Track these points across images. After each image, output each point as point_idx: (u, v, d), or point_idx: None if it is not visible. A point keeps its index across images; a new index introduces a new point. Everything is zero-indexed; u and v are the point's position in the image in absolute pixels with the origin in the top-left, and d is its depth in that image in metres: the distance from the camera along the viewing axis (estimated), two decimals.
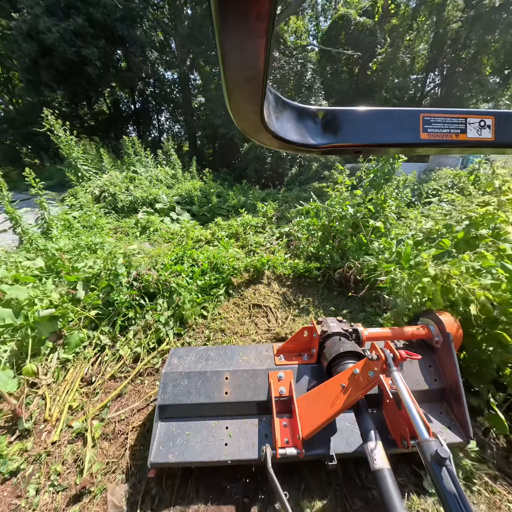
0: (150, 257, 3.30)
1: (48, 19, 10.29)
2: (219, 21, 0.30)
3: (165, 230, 5.80)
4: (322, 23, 29.51)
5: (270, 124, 0.53)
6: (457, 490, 0.84)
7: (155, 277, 2.75)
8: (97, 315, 2.64)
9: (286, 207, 7.00)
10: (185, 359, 1.75)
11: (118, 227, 5.89)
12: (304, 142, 0.60)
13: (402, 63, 19.86)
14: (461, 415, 1.45)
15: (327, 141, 0.61)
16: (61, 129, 7.58)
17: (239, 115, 0.51)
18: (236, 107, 0.48)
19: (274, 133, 0.55)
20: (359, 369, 1.25)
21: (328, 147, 0.62)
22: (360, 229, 3.22)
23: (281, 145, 0.59)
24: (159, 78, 21.29)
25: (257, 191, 10.19)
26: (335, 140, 0.62)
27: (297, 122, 0.61)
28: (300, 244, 4.07)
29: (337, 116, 0.62)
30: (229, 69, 0.38)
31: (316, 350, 1.66)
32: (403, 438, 1.28)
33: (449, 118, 0.64)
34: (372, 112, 0.63)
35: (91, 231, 5.27)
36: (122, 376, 2.33)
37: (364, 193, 3.53)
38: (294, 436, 1.35)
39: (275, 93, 0.56)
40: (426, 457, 0.94)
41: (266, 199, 8.23)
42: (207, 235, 4.89)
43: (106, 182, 7.03)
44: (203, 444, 1.43)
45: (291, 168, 16.08)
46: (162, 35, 16.97)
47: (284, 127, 0.58)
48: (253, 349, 1.82)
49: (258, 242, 4.52)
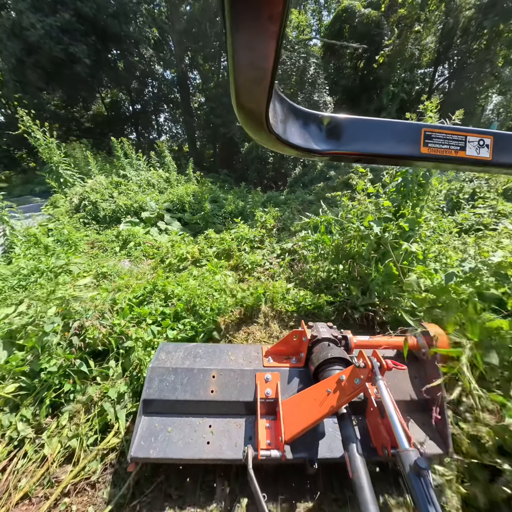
0: (108, 292, 2.51)
1: (33, 15, 9.62)
2: (231, 19, 0.30)
3: (150, 244, 5.03)
4: (325, 17, 28.52)
5: (274, 126, 0.54)
6: (433, 501, 0.85)
7: (104, 332, 1.95)
8: (19, 390, 1.85)
9: (289, 214, 6.17)
10: (173, 355, 1.72)
11: (96, 241, 5.13)
12: (307, 146, 0.61)
13: (411, 54, 18.81)
14: (442, 427, 1.44)
15: (329, 147, 0.62)
16: (39, 131, 6.89)
17: (244, 115, 0.51)
18: (242, 107, 0.49)
19: (278, 135, 0.56)
20: (345, 376, 1.26)
21: (330, 153, 0.63)
22: (387, 253, 2.38)
23: (284, 148, 0.60)
24: (156, 77, 20.60)
25: (258, 195, 9.37)
26: (337, 147, 0.63)
27: (302, 126, 0.61)
28: (307, 265, 3.25)
29: (341, 124, 0.63)
30: (238, 68, 0.39)
31: (304, 354, 1.65)
32: (384, 447, 1.27)
33: (450, 134, 0.66)
34: (376, 122, 0.64)
35: (60, 248, 4.52)
36: (42, 495, 1.54)
37: (394, 203, 2.65)
38: (277, 438, 1.34)
39: (282, 96, 0.57)
40: (405, 467, 0.94)
41: (267, 204, 7.42)
42: (194, 252, 4.09)
43: (87, 188, 6.28)
44: (185, 441, 1.42)
45: (295, 168, 15.26)
46: (157, 31, 16.24)
47: (288, 130, 0.58)
48: (242, 349, 1.80)
49: (254, 261, 3.71)
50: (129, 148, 8.82)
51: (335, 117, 0.63)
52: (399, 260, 2.31)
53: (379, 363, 1.19)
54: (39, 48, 10.07)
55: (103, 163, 9.57)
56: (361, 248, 2.58)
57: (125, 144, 8.93)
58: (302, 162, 15.21)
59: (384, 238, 2.37)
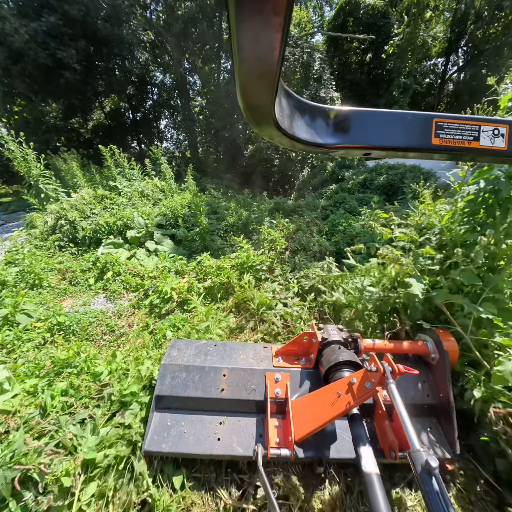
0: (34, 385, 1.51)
1: (16, 19, 8.97)
2: (235, 13, 0.30)
3: (134, 272, 4.06)
4: (327, 12, 27.53)
5: (281, 121, 0.53)
6: (445, 499, 0.85)
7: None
8: None
9: (302, 225, 5.10)
10: (184, 352, 1.74)
11: (68, 270, 4.20)
12: (314, 140, 0.60)
13: (423, 42, 17.56)
14: (449, 432, 1.44)
15: (337, 141, 0.61)
16: (14, 143, 6.09)
17: (250, 110, 0.50)
18: (248, 103, 0.48)
19: (285, 130, 0.55)
20: (356, 379, 1.25)
21: (338, 147, 0.62)
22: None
23: (291, 143, 0.59)
24: (155, 83, 19.98)
25: (264, 201, 8.34)
26: (345, 140, 0.62)
27: (309, 120, 0.60)
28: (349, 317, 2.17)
29: (348, 117, 0.62)
30: (243, 63, 0.38)
31: (314, 356, 1.63)
32: (392, 449, 1.28)
33: (462, 124, 0.63)
34: (384, 114, 0.62)
35: (19, 286, 3.60)
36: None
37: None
38: (286, 438, 1.35)
39: (287, 90, 0.56)
40: (417, 467, 0.94)
41: (274, 214, 6.39)
42: (183, 289, 3.09)
43: (65, 205, 5.39)
44: (197, 437, 1.43)
45: (302, 170, 14.20)
46: (152, 34, 15.54)
47: (294, 124, 0.57)
48: (252, 348, 1.80)
49: (263, 303, 2.67)
50: (119, 157, 7.95)
51: (342, 110, 0.61)
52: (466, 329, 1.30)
53: (390, 368, 1.17)
54: (24, 55, 9.40)
55: (93, 175, 8.74)
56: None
57: (115, 153, 8.08)
58: (310, 163, 14.13)
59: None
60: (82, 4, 10.28)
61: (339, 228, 5.23)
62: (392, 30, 17.02)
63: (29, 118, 16.17)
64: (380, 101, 19.07)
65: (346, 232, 4.90)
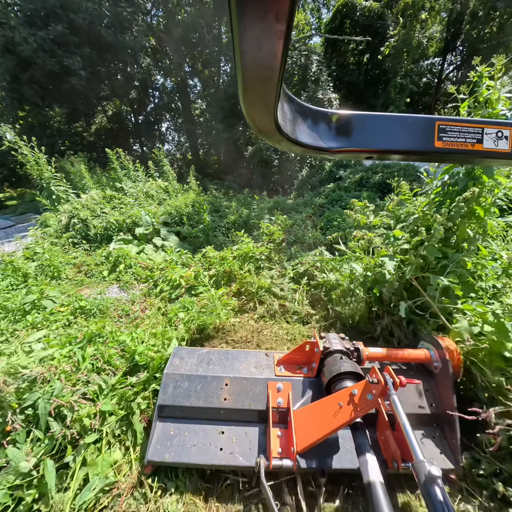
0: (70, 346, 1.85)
1: (24, 29, 9.39)
2: (237, 20, 0.30)
3: (143, 265, 4.41)
4: (324, 15, 27.88)
5: (283, 125, 0.53)
6: (448, 509, 0.85)
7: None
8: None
9: (299, 220, 5.44)
10: (186, 361, 1.74)
11: (83, 264, 4.56)
12: (317, 144, 0.60)
13: (418, 43, 17.88)
14: (453, 442, 1.43)
15: (339, 144, 0.62)
16: (26, 147, 6.46)
17: (252, 115, 0.51)
18: (250, 108, 0.49)
19: (287, 135, 0.55)
20: (358, 390, 1.25)
21: (340, 150, 0.62)
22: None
23: (293, 147, 0.60)
24: (157, 87, 20.41)
25: (264, 201, 8.69)
26: (347, 144, 0.62)
27: (311, 124, 0.61)
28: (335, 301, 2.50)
29: (351, 121, 0.62)
30: (245, 69, 0.39)
31: (316, 365, 1.62)
32: (394, 460, 1.26)
33: (465, 127, 0.63)
34: (387, 117, 0.63)
35: (41, 277, 3.96)
36: None
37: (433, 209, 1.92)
38: (288, 448, 1.33)
39: (290, 95, 0.57)
40: (420, 478, 0.94)
41: (273, 211, 6.72)
42: (190, 277, 3.43)
43: (77, 205, 5.76)
44: (199, 447, 1.43)
45: (301, 170, 14.54)
46: (153, 39, 15.97)
47: (297, 129, 0.58)
48: (253, 356, 1.79)
49: (261, 286, 3.01)
50: (124, 159, 8.32)
51: (344, 114, 0.61)
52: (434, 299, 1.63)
53: (392, 380, 1.17)
54: (33, 63, 9.84)
55: (100, 176, 9.13)
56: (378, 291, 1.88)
57: (121, 155, 8.45)
58: (309, 163, 14.48)
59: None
60: (86, 13, 10.70)
61: (334, 223, 5.56)
62: (388, 32, 17.36)
63: (34, 123, 16.62)
64: (377, 102, 19.38)
65: (340, 227, 5.24)
